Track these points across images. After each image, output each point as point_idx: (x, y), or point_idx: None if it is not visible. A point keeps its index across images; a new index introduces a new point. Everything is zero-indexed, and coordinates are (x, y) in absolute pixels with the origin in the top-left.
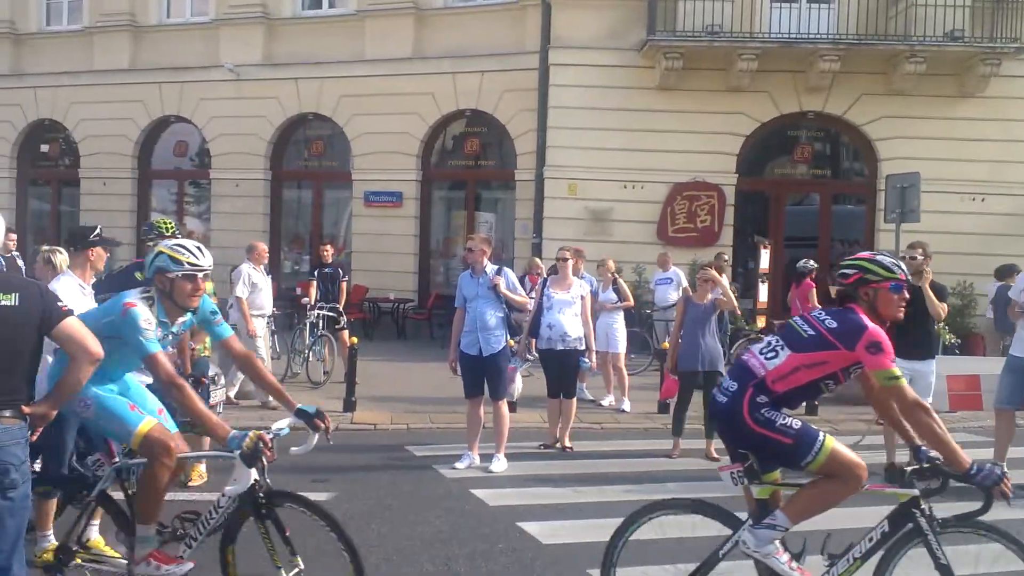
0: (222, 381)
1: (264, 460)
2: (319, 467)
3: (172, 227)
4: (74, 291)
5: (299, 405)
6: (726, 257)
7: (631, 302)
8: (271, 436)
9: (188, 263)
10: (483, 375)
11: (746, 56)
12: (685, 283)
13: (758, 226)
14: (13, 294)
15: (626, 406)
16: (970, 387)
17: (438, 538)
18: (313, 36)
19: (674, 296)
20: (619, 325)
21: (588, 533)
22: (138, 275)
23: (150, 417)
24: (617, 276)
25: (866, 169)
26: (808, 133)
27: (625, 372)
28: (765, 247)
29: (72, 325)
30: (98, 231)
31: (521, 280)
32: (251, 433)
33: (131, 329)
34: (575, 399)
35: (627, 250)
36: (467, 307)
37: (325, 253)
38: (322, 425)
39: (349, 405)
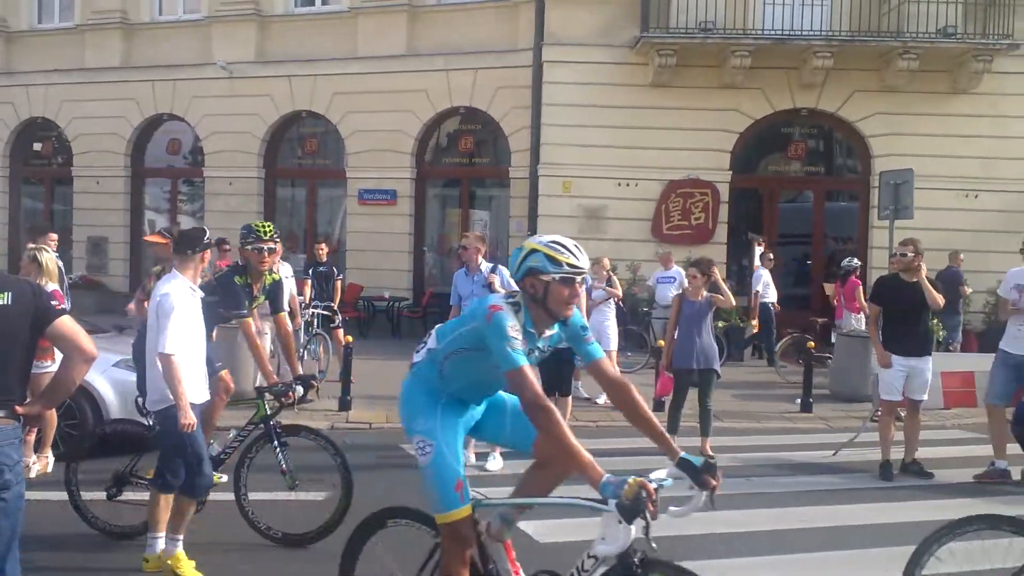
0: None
1: (647, 516)
2: (313, 465)
3: (271, 230)
4: (185, 293)
5: (683, 454)
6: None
7: (619, 292)
8: (655, 486)
9: (568, 264)
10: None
11: (739, 53)
12: (687, 283)
13: (752, 223)
14: (6, 293)
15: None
16: (964, 384)
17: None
18: (306, 33)
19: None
20: (611, 322)
21: (583, 532)
22: (237, 279)
23: (467, 506)
24: (611, 274)
25: (859, 166)
26: (801, 130)
27: (618, 369)
28: (759, 244)
29: (66, 324)
30: (208, 234)
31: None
32: (631, 480)
33: (496, 337)
34: (571, 397)
35: (621, 247)
36: (462, 305)
37: (319, 251)
38: (712, 483)
39: (344, 404)
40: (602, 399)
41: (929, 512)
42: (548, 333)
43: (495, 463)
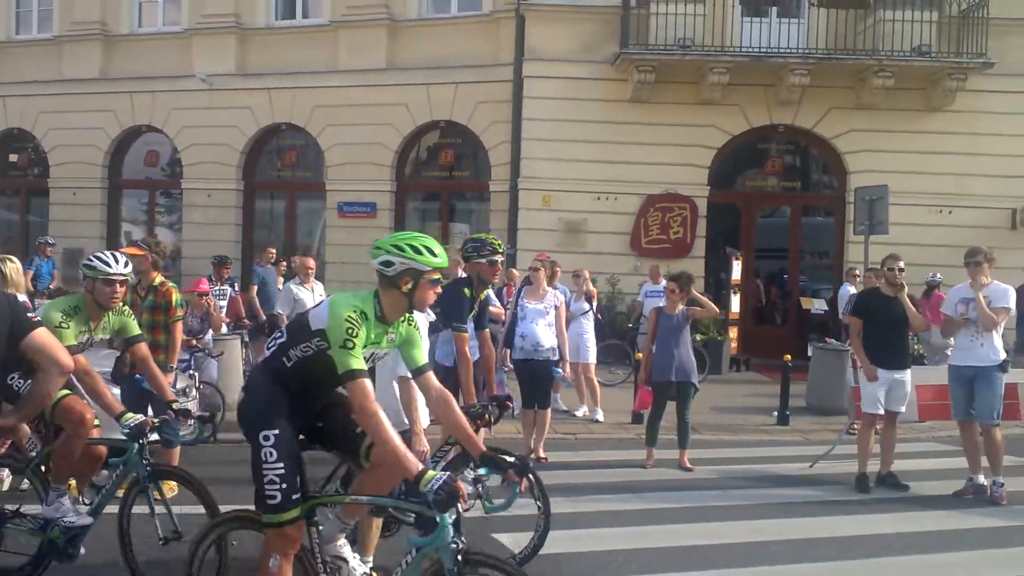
0: (193, 393)
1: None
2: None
3: (500, 243)
4: (421, 314)
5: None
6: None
7: (593, 292)
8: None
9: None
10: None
11: (717, 70)
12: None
13: (730, 238)
14: None
15: (599, 416)
16: (939, 396)
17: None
18: (286, 46)
19: None
20: (589, 335)
21: (561, 544)
22: (466, 291)
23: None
24: (591, 286)
25: (835, 182)
26: (778, 146)
27: (596, 382)
28: (737, 259)
29: (42, 336)
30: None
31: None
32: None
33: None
34: (549, 409)
35: (601, 261)
36: None
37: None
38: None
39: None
40: (580, 412)
41: (905, 524)
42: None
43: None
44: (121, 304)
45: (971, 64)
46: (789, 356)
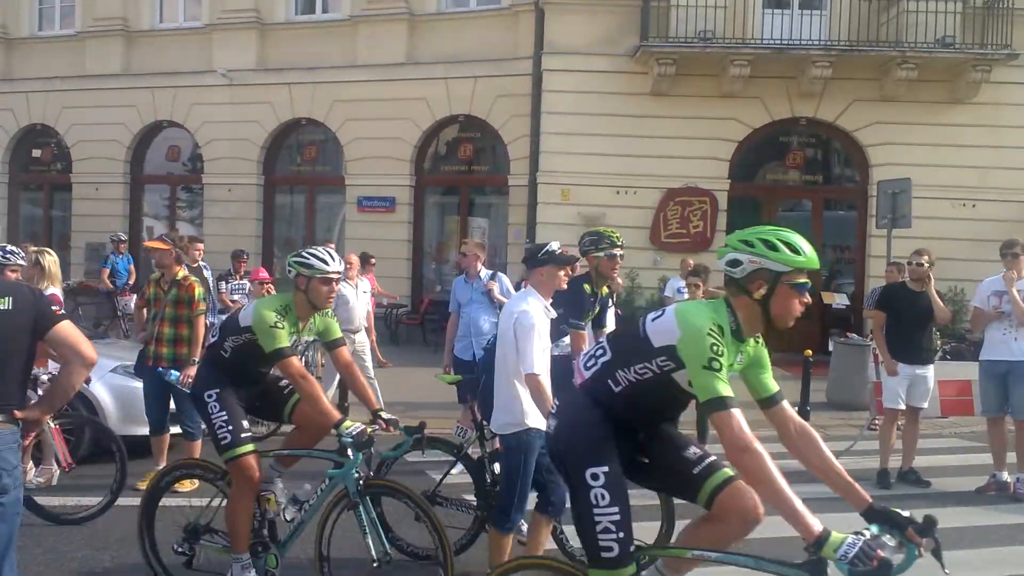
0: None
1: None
2: (310, 471)
3: (619, 236)
4: (540, 311)
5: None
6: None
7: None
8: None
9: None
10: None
11: (738, 62)
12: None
13: None
14: (7, 298)
15: None
16: (961, 392)
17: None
18: (306, 41)
19: None
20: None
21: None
22: (586, 286)
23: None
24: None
25: (857, 175)
26: (800, 139)
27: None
28: None
29: (66, 329)
30: (547, 248)
31: (518, 286)
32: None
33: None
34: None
35: None
36: (461, 312)
37: None
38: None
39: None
40: None
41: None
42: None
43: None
44: None
45: (995, 56)
46: (810, 351)
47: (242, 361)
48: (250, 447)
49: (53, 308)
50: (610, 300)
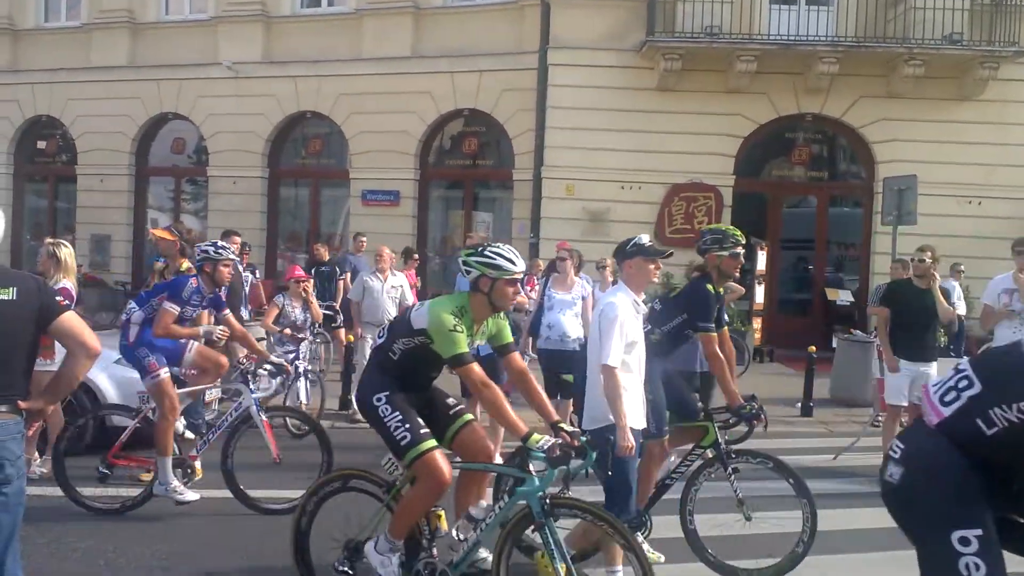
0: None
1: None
2: (313, 465)
3: (741, 234)
4: (629, 306)
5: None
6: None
7: None
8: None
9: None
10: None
11: (745, 58)
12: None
13: (755, 228)
14: (11, 288)
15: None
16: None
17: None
18: (312, 34)
19: None
20: None
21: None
22: (709, 287)
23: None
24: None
25: (863, 171)
26: (806, 135)
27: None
28: (762, 249)
29: (70, 320)
30: (635, 240)
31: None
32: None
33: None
34: (571, 400)
35: None
36: None
37: (321, 251)
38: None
39: (345, 403)
40: None
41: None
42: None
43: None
44: None
45: (1003, 52)
46: (814, 347)
47: (412, 365)
48: (432, 443)
49: (58, 299)
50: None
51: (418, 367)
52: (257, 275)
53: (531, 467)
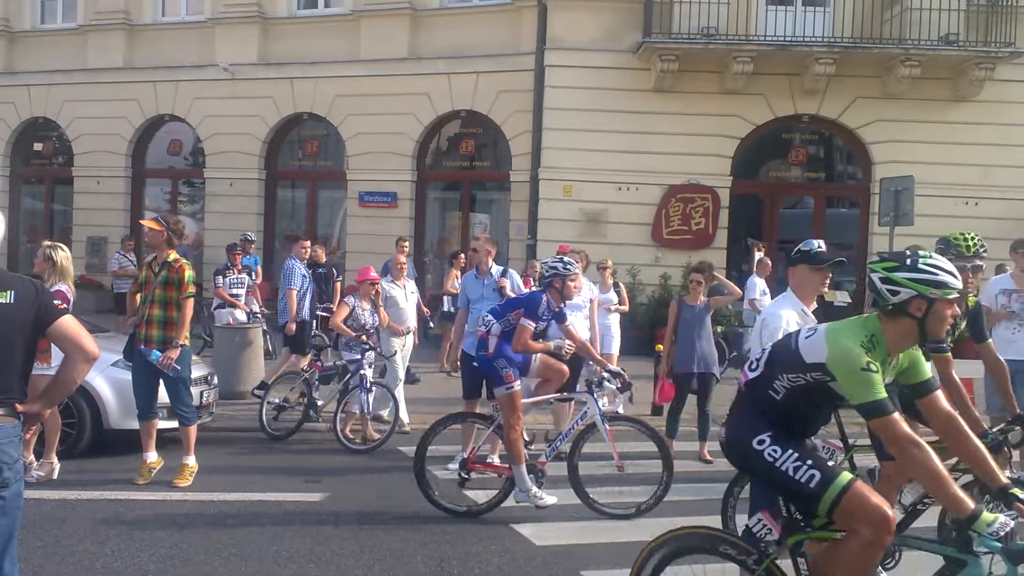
0: (214, 380)
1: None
2: (312, 468)
3: (975, 243)
4: (795, 316)
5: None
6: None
7: (627, 307)
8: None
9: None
10: (483, 376)
11: (741, 59)
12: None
13: (752, 229)
14: (9, 291)
15: (619, 408)
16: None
17: (431, 539)
18: (308, 36)
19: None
20: (615, 326)
21: (582, 535)
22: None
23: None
24: (620, 283)
25: (860, 172)
26: (802, 136)
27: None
28: (759, 250)
29: (68, 323)
30: (800, 247)
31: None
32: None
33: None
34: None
35: (621, 252)
36: (471, 308)
37: (318, 253)
38: None
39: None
40: (602, 403)
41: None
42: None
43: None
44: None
45: (999, 53)
46: None
47: (801, 409)
48: (849, 474)
49: (55, 302)
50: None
51: (808, 411)
52: (254, 277)
53: (975, 549)
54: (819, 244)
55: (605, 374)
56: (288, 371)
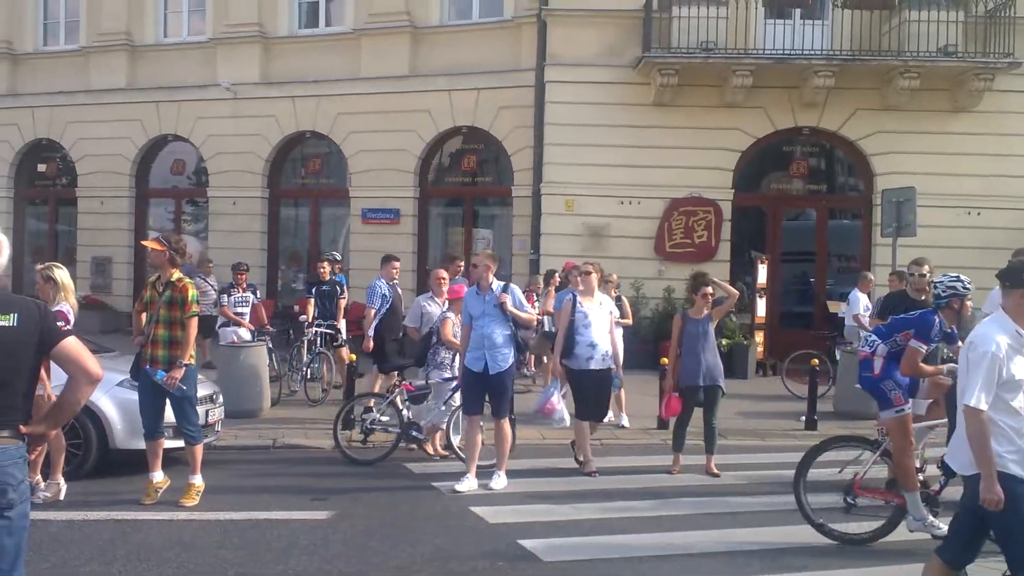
0: (220, 399)
1: None
2: (317, 486)
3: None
4: (1005, 341)
5: None
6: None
7: (631, 320)
8: None
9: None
10: (486, 392)
11: (741, 72)
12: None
13: (755, 241)
14: (12, 314)
15: (625, 421)
16: None
17: (438, 555)
18: (310, 54)
19: None
20: (619, 340)
21: (588, 550)
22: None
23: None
24: (623, 297)
25: (861, 184)
26: (803, 148)
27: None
28: (763, 262)
29: (72, 345)
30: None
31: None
32: None
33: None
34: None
35: (624, 266)
36: (473, 324)
37: (322, 270)
38: None
39: (348, 423)
40: (606, 418)
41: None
42: None
43: (499, 481)
44: None
45: (998, 64)
46: (816, 360)
47: None
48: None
49: (59, 324)
50: None
51: None
52: (258, 295)
53: None
54: None
55: None
56: (360, 393)
